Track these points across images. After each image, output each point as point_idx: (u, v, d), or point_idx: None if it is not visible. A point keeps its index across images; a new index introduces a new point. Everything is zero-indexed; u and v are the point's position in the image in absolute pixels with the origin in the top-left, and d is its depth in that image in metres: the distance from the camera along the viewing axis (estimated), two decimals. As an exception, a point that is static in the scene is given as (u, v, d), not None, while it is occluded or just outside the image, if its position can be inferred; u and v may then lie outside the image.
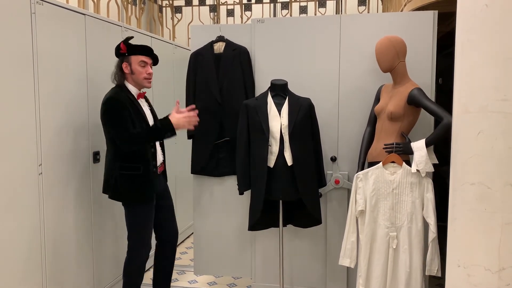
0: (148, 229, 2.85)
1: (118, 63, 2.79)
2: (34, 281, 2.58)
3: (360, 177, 2.70)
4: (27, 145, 2.51)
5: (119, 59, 2.79)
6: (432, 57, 2.97)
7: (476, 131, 1.64)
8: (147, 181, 2.75)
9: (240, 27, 3.43)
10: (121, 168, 2.71)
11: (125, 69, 2.76)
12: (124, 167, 2.71)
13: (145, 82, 2.80)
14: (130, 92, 2.78)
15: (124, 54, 2.76)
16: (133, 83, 2.80)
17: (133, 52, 2.76)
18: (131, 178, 2.72)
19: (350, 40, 3.10)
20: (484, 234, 1.62)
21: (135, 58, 2.76)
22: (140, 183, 2.73)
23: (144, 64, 2.78)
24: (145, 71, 2.78)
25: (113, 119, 2.67)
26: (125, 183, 2.72)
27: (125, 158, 2.71)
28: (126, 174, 2.71)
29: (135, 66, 2.76)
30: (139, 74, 2.77)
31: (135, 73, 2.77)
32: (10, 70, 2.37)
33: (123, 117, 2.65)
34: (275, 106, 2.91)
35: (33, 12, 2.52)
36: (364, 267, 2.68)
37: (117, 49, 2.78)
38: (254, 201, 2.93)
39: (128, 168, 2.71)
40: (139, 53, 2.78)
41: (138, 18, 5.41)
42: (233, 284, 3.72)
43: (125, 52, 2.75)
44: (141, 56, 2.77)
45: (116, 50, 2.79)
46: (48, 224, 2.67)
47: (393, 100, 2.70)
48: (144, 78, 2.78)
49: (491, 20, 1.58)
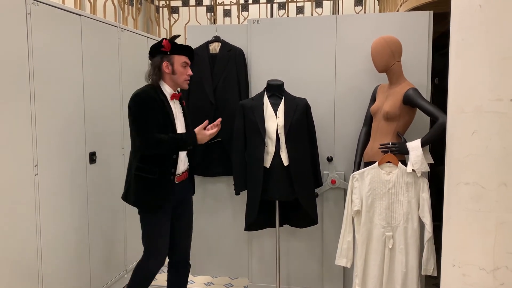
0: (159, 238, 2.65)
1: (157, 62, 2.59)
2: (30, 281, 2.57)
3: (356, 177, 2.71)
4: (22, 146, 2.50)
5: (156, 58, 2.60)
6: (428, 57, 2.98)
7: (470, 131, 1.64)
8: (160, 188, 2.57)
9: (237, 27, 3.44)
10: (137, 168, 2.56)
11: (166, 69, 2.58)
12: (140, 168, 2.55)
13: (185, 83, 2.67)
14: (163, 93, 2.61)
15: (165, 53, 2.58)
16: (170, 83, 2.64)
17: (177, 52, 2.60)
18: (145, 182, 2.56)
19: (346, 40, 3.10)
20: (479, 233, 1.63)
21: (179, 58, 2.61)
22: (152, 188, 2.56)
23: (185, 65, 2.64)
24: (186, 72, 2.64)
25: (136, 116, 2.53)
26: (137, 185, 2.57)
27: (142, 159, 2.55)
28: (140, 176, 2.56)
29: (178, 67, 2.60)
30: (180, 75, 2.62)
31: (176, 73, 2.61)
32: (5, 70, 2.37)
33: (148, 117, 2.51)
34: (271, 107, 2.91)
35: (29, 13, 2.51)
36: (360, 267, 2.69)
37: (157, 47, 2.59)
38: (251, 202, 2.93)
39: (143, 170, 2.55)
40: (183, 53, 2.63)
41: (134, 18, 5.40)
42: (230, 285, 3.72)
43: (167, 51, 2.57)
44: (184, 56, 2.63)
45: (155, 48, 2.61)
46: (44, 225, 2.66)
47: (389, 100, 2.70)
48: (184, 79, 2.65)
49: (485, 20, 1.59)
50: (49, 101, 2.71)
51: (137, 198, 2.60)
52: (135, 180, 2.57)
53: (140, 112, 2.52)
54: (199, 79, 3.26)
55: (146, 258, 2.69)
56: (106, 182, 3.33)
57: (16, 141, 2.46)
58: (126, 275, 3.62)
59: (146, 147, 2.52)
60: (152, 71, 2.60)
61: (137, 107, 2.52)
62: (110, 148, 3.40)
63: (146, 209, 2.63)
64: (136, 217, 2.71)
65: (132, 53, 3.68)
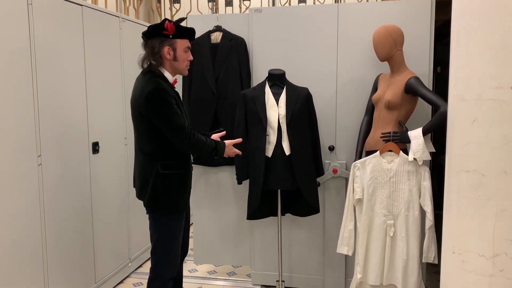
0: (179, 240, 2.49)
1: (157, 46, 2.32)
2: (35, 271, 2.60)
3: (358, 166, 2.72)
4: (26, 136, 2.52)
5: (154, 41, 2.33)
6: (430, 45, 2.96)
7: (471, 119, 1.64)
8: (187, 183, 2.47)
9: (238, 16, 3.43)
10: (163, 167, 2.35)
11: (167, 55, 2.34)
12: (165, 165, 2.35)
13: (186, 70, 2.46)
14: (167, 81, 2.38)
15: (167, 36, 2.32)
16: (170, 70, 2.40)
17: (181, 36, 2.36)
18: (171, 180, 2.38)
19: (347, 29, 3.09)
20: (478, 221, 1.63)
21: (182, 43, 2.37)
22: (179, 185, 2.42)
23: (187, 50, 2.41)
24: (187, 58, 2.42)
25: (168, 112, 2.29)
26: (164, 184, 2.37)
27: (166, 156, 2.36)
28: (166, 175, 2.36)
29: (180, 52, 2.37)
30: (182, 61, 2.40)
31: (178, 60, 2.38)
32: (7, 61, 2.38)
33: (177, 110, 2.32)
34: (273, 96, 2.92)
35: (30, 3, 2.52)
36: (362, 255, 2.71)
37: (158, 29, 2.32)
38: (252, 191, 2.94)
39: (169, 167, 2.36)
40: (187, 37, 2.40)
41: (136, 8, 5.38)
42: (232, 273, 3.76)
43: (170, 34, 2.32)
44: (186, 40, 2.39)
45: (155, 29, 2.34)
46: (48, 215, 2.69)
47: (391, 89, 2.70)
48: (186, 66, 2.44)
49: (486, 8, 1.58)
50: (52, 91, 2.72)
51: (167, 201, 2.39)
52: (161, 181, 2.36)
53: (168, 108, 2.29)
54: (200, 69, 3.26)
55: (163, 265, 2.46)
56: (109, 172, 3.35)
57: (19, 132, 2.47)
58: (130, 264, 3.66)
59: (188, 144, 2.34)
60: (151, 56, 2.34)
61: (163, 102, 2.27)
62: (113, 138, 3.42)
63: (172, 210, 2.43)
64: (139, 206, 2.72)
65: (134, 43, 3.67)
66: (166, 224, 2.44)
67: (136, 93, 2.36)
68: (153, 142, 2.37)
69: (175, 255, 2.49)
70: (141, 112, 2.33)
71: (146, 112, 2.30)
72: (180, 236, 2.51)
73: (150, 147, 2.38)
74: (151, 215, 2.46)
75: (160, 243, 2.45)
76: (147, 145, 2.39)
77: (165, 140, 2.36)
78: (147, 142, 2.38)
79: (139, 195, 2.49)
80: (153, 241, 2.46)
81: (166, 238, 2.44)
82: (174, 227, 2.45)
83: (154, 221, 2.45)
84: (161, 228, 2.44)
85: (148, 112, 2.30)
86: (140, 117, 2.35)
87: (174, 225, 2.45)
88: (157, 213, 2.43)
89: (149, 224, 2.48)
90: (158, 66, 2.36)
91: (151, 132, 2.35)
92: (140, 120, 2.36)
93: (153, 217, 2.45)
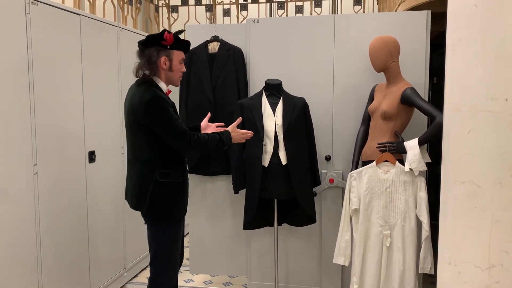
0: (178, 248, 2.50)
1: (155, 56, 2.34)
2: (29, 279, 2.58)
3: (354, 176, 2.72)
4: (22, 145, 2.52)
5: (151, 50, 2.35)
6: (426, 56, 2.99)
7: (466, 130, 1.65)
8: (185, 192, 2.48)
9: (235, 27, 3.45)
10: (161, 175, 2.35)
11: (163, 64, 2.36)
12: (164, 174, 2.35)
13: (178, 81, 2.49)
14: (162, 90, 2.40)
15: (165, 47, 2.35)
16: (164, 80, 2.42)
17: (178, 47, 2.40)
18: (170, 188, 2.38)
19: (344, 39, 3.11)
20: (474, 232, 1.64)
21: (178, 54, 2.41)
22: (178, 193, 2.42)
23: (182, 62, 2.46)
24: (181, 69, 2.46)
25: (167, 119, 2.30)
26: (163, 193, 2.37)
27: (164, 164, 2.36)
28: (164, 183, 2.35)
29: (176, 63, 2.40)
30: (177, 72, 2.43)
31: (174, 70, 2.41)
32: (5, 70, 2.38)
33: (176, 116, 2.35)
34: (270, 106, 2.93)
35: (28, 13, 2.53)
36: (358, 265, 2.70)
37: (157, 38, 2.35)
38: (249, 200, 2.94)
39: (168, 175, 2.36)
40: (183, 49, 2.45)
41: (134, 18, 5.41)
42: (229, 283, 3.74)
43: (168, 45, 2.36)
44: (182, 52, 2.44)
45: (153, 39, 2.36)
46: (43, 224, 2.67)
47: (387, 100, 2.72)
48: (180, 77, 2.48)
49: (480, 20, 1.60)
50: (49, 100, 2.72)
51: (166, 210, 2.40)
52: (161, 190, 2.36)
53: (168, 114, 2.30)
54: (198, 78, 3.27)
55: (162, 274, 2.45)
56: (105, 181, 3.34)
57: (15, 140, 2.47)
58: (125, 274, 3.64)
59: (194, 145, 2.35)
60: (146, 65, 2.37)
61: (163, 109, 2.29)
62: (110, 147, 3.42)
63: (171, 219, 2.43)
64: (134, 216, 2.70)
65: (132, 53, 3.67)
66: (165, 233, 2.43)
67: (134, 102, 2.35)
68: (152, 150, 2.37)
69: (174, 263, 2.49)
70: (141, 120, 2.32)
71: (146, 120, 2.30)
72: (179, 244, 2.51)
73: (149, 155, 2.37)
74: (150, 224, 2.45)
75: (159, 252, 2.44)
76: (145, 153, 2.38)
77: (163, 148, 2.36)
78: (146, 151, 2.38)
79: (136, 206, 2.47)
80: (152, 250, 2.44)
81: (165, 247, 2.43)
82: (173, 235, 2.45)
83: (153, 230, 2.44)
84: (160, 237, 2.43)
85: (149, 120, 2.30)
86: (138, 126, 2.35)
87: (173, 234, 2.45)
88: (157, 222, 2.42)
89: (148, 233, 2.47)
90: (153, 75, 2.39)
91: (150, 140, 2.35)
92: (137, 129, 2.36)
93: (152, 226, 2.44)
